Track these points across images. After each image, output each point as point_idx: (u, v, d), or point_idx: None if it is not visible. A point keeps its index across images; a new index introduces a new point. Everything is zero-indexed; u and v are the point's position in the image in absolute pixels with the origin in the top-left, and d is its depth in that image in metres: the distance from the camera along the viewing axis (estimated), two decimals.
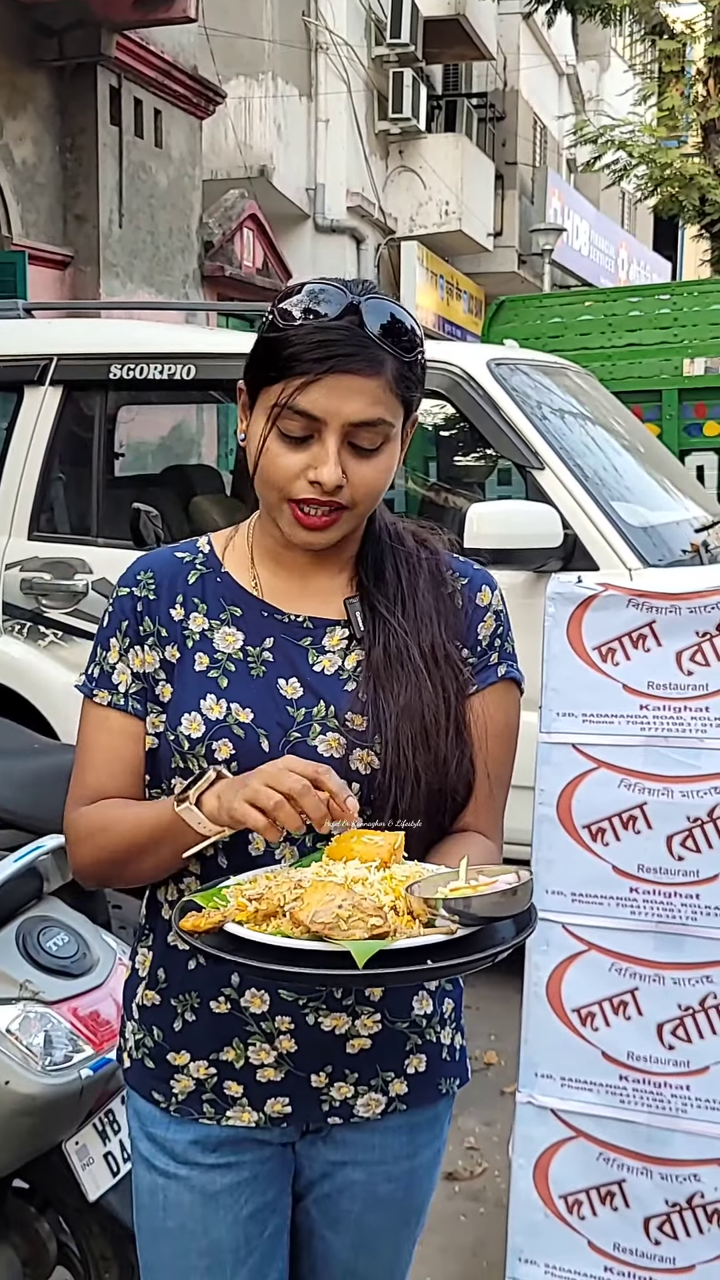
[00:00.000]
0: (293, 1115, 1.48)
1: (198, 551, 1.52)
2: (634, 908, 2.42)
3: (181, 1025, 1.49)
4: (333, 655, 1.45)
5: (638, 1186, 2.41)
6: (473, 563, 1.55)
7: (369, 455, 1.38)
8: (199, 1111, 1.49)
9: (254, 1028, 1.46)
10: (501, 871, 1.26)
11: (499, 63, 19.35)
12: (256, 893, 1.26)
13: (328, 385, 1.34)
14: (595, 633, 2.46)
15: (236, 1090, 1.48)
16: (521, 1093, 2.49)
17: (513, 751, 1.54)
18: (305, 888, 1.24)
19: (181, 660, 1.45)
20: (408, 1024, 1.50)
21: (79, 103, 10.13)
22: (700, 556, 3.95)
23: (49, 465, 4.58)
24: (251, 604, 1.47)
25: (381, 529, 1.51)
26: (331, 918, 1.18)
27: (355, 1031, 1.46)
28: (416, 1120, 1.54)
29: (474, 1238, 2.89)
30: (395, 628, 1.44)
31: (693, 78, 13.49)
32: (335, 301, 1.36)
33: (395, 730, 1.40)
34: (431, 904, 1.21)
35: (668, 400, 7.09)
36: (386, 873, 1.27)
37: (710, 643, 2.37)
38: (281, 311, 1.37)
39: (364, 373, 1.35)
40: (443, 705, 1.43)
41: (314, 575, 1.48)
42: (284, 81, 13.97)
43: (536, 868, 2.49)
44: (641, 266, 24.42)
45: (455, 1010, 1.59)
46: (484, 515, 3.79)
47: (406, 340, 1.38)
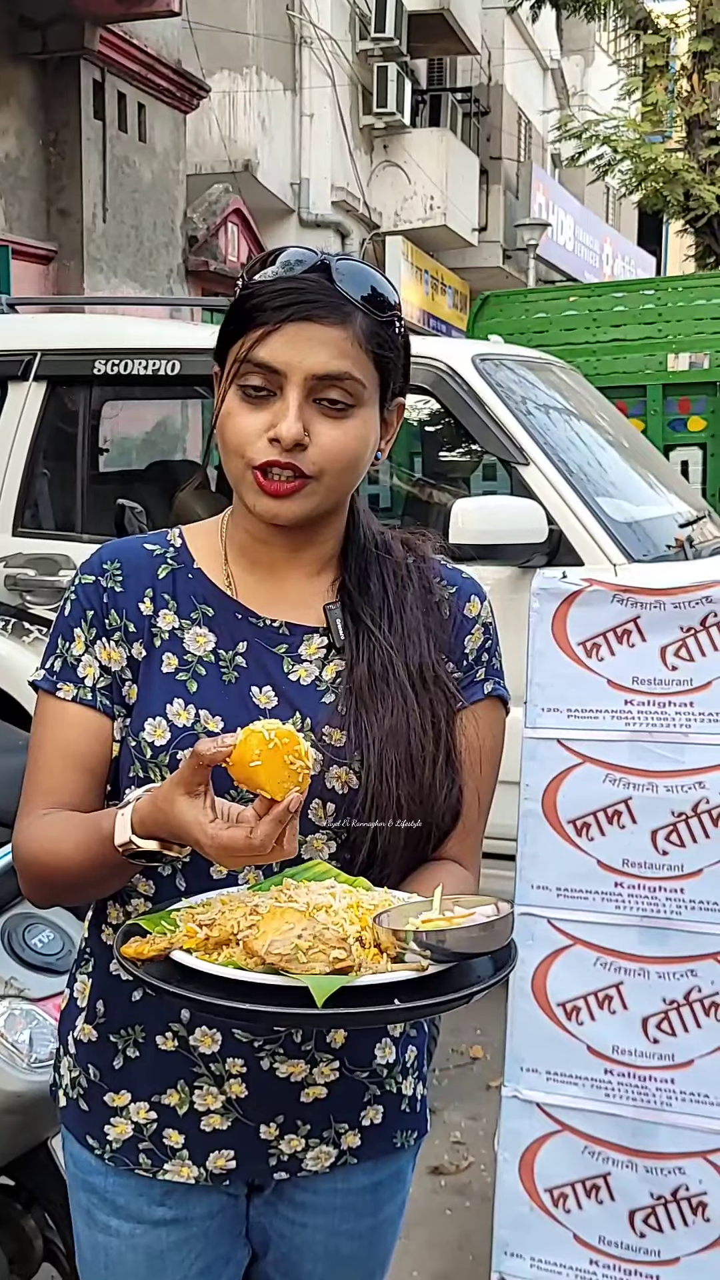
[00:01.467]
0: (237, 1170, 1.36)
1: (168, 545, 1.40)
2: (619, 902, 2.43)
3: (122, 1062, 1.37)
4: (309, 665, 1.34)
5: (623, 1180, 2.42)
6: (462, 571, 1.44)
7: (337, 417, 1.26)
8: (134, 1162, 1.37)
9: (202, 1069, 1.34)
10: (479, 902, 1.15)
11: (483, 57, 19.34)
12: (208, 918, 1.14)
13: (289, 334, 1.24)
14: (580, 628, 2.46)
15: (177, 1140, 1.35)
16: (507, 1087, 2.50)
17: (495, 774, 1.42)
18: (262, 914, 1.13)
19: (148, 660, 1.33)
20: (367, 1073, 1.39)
21: (62, 97, 10.09)
22: (685, 552, 3.95)
23: (33, 461, 4.57)
24: (225, 604, 1.36)
25: (367, 536, 1.40)
26: (290, 949, 1.07)
27: (312, 1080, 1.35)
28: (379, 1177, 1.44)
29: (460, 1232, 2.90)
30: (381, 643, 1.33)
31: (677, 73, 13.51)
32: (306, 259, 1.27)
33: (378, 756, 1.28)
34: (401, 937, 1.10)
35: (652, 395, 7.11)
36: (352, 900, 1.16)
37: (695, 638, 2.38)
38: (251, 275, 1.29)
39: (328, 321, 1.24)
40: (430, 731, 1.32)
41: (290, 575, 1.37)
42: (268, 76, 13.94)
43: (521, 862, 2.50)
44: (626, 261, 24.44)
45: (418, 1059, 1.47)
46: (469, 511, 3.79)
47: (379, 299, 1.28)
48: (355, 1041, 1.36)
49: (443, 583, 1.40)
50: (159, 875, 1.32)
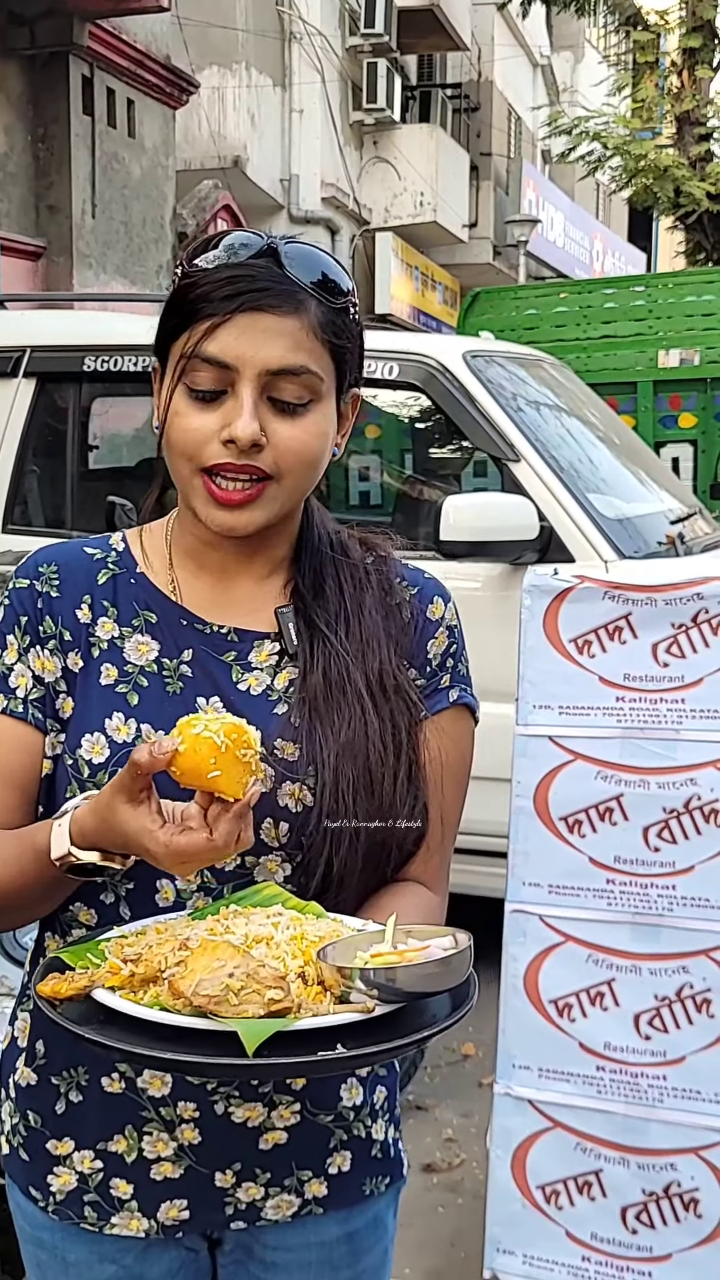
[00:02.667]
0: (191, 1222, 1.26)
1: (110, 549, 1.30)
2: (611, 899, 2.43)
3: (65, 1107, 1.27)
4: (260, 673, 1.24)
5: (615, 1176, 2.42)
6: (424, 571, 1.35)
7: (295, 414, 1.17)
8: (79, 1215, 1.26)
9: (151, 1113, 1.24)
10: (435, 933, 1.05)
11: (473, 53, 19.33)
12: (135, 952, 1.04)
13: (240, 326, 1.14)
14: (571, 625, 2.46)
15: (125, 1190, 1.25)
16: (499, 1084, 2.50)
17: (464, 788, 1.34)
18: (192, 949, 1.02)
19: (85, 671, 1.24)
20: (332, 1117, 1.28)
21: (51, 92, 10.06)
22: (676, 548, 3.96)
23: (23, 458, 4.56)
24: (169, 610, 1.26)
25: (322, 536, 1.31)
26: (219, 989, 0.96)
27: (270, 1124, 1.25)
28: (354, 1227, 1.32)
29: (452, 1229, 2.90)
30: (337, 650, 1.23)
31: (667, 69, 13.52)
32: (251, 244, 1.17)
33: (334, 771, 1.19)
34: (346, 974, 0.99)
35: (643, 392, 7.12)
36: (296, 931, 1.06)
37: (686, 635, 2.38)
38: (191, 262, 1.18)
39: (281, 311, 1.14)
40: (390, 744, 1.22)
41: (240, 578, 1.27)
42: (258, 71, 13.91)
43: (513, 860, 2.50)
44: (616, 258, 24.46)
45: (389, 1100, 1.36)
46: (460, 507, 3.79)
47: (332, 285, 1.19)
48: (318, 1083, 1.27)
49: (404, 583, 1.32)
50: (101, 904, 1.23)
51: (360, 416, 4.89)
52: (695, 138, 12.86)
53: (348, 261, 16.27)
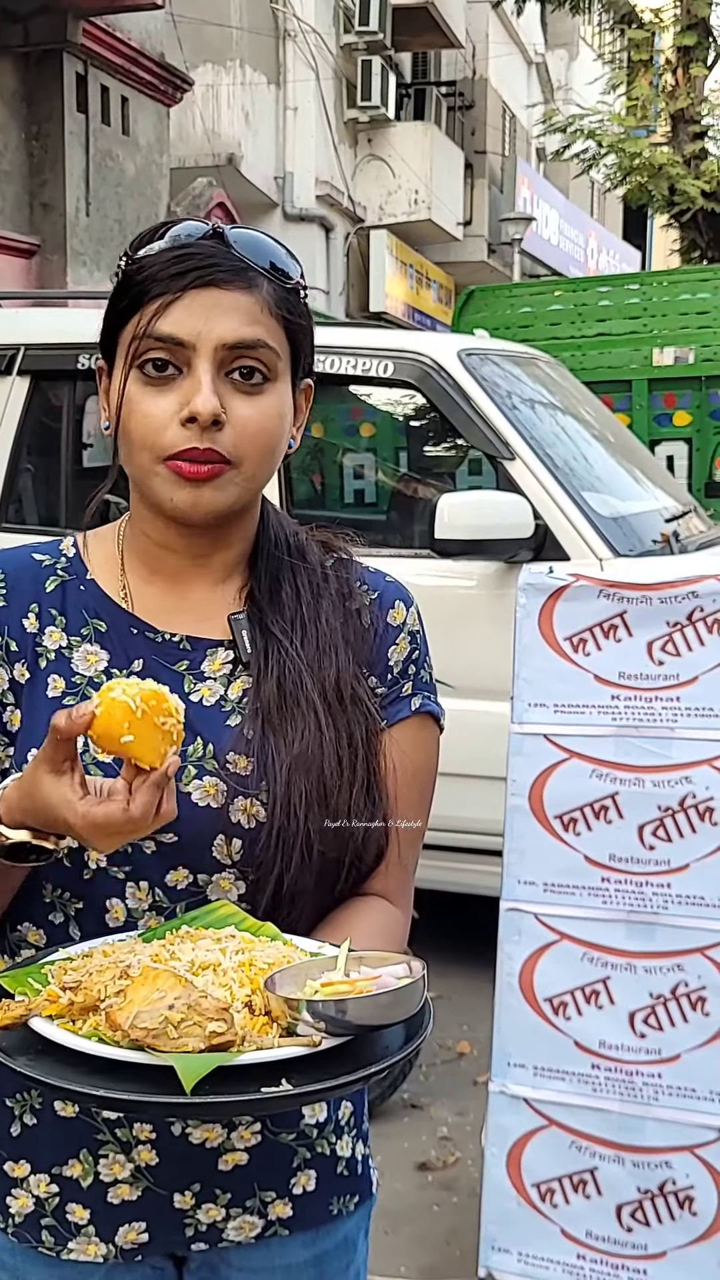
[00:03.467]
0: (150, 1244, 1.23)
1: (60, 555, 1.25)
2: (606, 897, 2.43)
3: (20, 1130, 1.23)
4: (213, 683, 1.20)
5: (610, 1174, 2.42)
6: (385, 574, 1.31)
7: (252, 392, 1.14)
8: (37, 1239, 1.23)
9: (107, 1136, 1.20)
10: (389, 960, 1.01)
11: (468, 51, 19.32)
12: (75, 979, 1.00)
13: (191, 302, 1.12)
14: (567, 623, 2.46)
15: (81, 1215, 1.22)
16: (494, 1082, 2.50)
17: (428, 799, 1.29)
18: (133, 977, 0.98)
19: (32, 683, 1.20)
20: (294, 1135, 1.24)
21: (45, 90, 10.03)
22: (670, 546, 3.96)
23: (17, 455, 4.55)
24: (119, 618, 1.22)
25: (279, 540, 1.27)
26: (158, 1022, 0.92)
27: (230, 1145, 1.21)
28: (323, 1249, 1.28)
29: (447, 1227, 2.90)
30: (291, 658, 1.19)
31: (661, 67, 13.53)
32: (197, 229, 1.15)
33: (286, 785, 1.15)
34: (294, 1005, 0.95)
35: (638, 390, 7.13)
36: (244, 958, 1.02)
37: (681, 633, 2.37)
38: (136, 252, 1.16)
39: (233, 286, 1.13)
40: (347, 758, 1.18)
41: (194, 584, 1.23)
42: (252, 69, 13.90)
43: (508, 858, 2.50)
44: (611, 256, 24.47)
45: (355, 1115, 1.32)
46: (455, 506, 3.79)
47: (280, 266, 1.17)
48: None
49: (364, 587, 1.27)
50: (50, 924, 1.19)
51: (355, 414, 4.90)
52: (690, 135, 12.85)
53: (342, 259, 16.27)
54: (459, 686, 3.88)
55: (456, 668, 3.96)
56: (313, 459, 5.20)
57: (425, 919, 3.24)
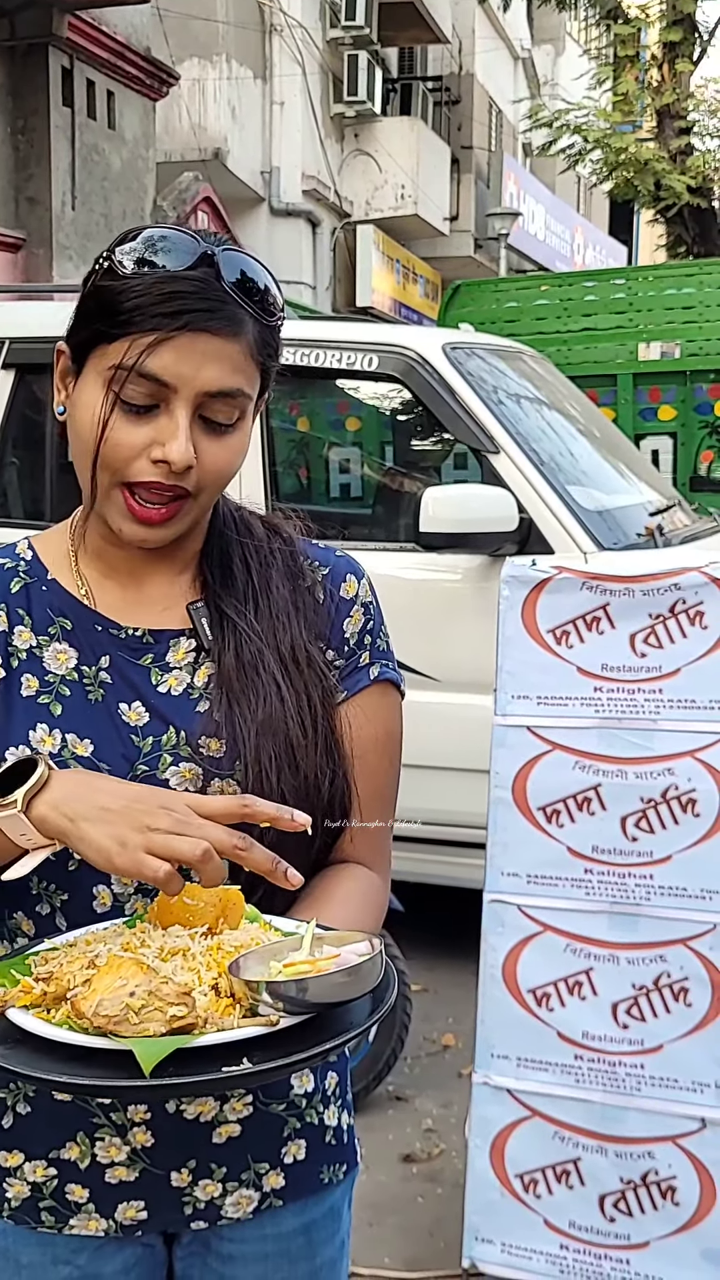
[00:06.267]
0: (149, 1221, 1.26)
1: (18, 558, 1.28)
2: (589, 888, 2.44)
3: (13, 1120, 1.26)
4: (179, 672, 1.23)
5: (593, 1165, 2.43)
6: (335, 549, 1.34)
7: (222, 433, 1.17)
8: (36, 1220, 1.26)
9: (102, 1119, 1.23)
10: (350, 939, 1.03)
11: (454, 46, 19.29)
12: (47, 970, 1.02)
13: (181, 346, 1.12)
14: (550, 616, 2.47)
15: (81, 1195, 1.25)
16: (477, 1073, 2.51)
17: (395, 764, 1.32)
18: (99, 966, 1.00)
19: (6, 682, 1.22)
20: (284, 1105, 1.29)
21: (30, 84, 9.99)
22: (655, 540, 3.97)
23: (2, 448, 4.54)
24: (82, 615, 1.24)
25: (226, 519, 1.30)
26: (119, 1009, 0.94)
27: (223, 1117, 1.25)
28: (311, 1217, 1.33)
29: (431, 1218, 2.91)
30: (246, 631, 1.23)
31: (647, 62, 13.52)
32: (186, 249, 1.14)
33: (255, 750, 1.18)
34: (254, 987, 0.97)
35: (623, 385, 7.14)
36: (213, 941, 1.04)
37: (664, 625, 2.38)
38: (120, 260, 1.15)
39: (223, 333, 1.13)
40: (308, 718, 1.22)
41: (150, 578, 1.26)
42: (238, 63, 13.86)
43: (492, 850, 2.50)
44: (597, 251, 24.47)
45: (340, 1085, 1.36)
46: (439, 499, 3.79)
47: (270, 301, 1.18)
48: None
49: (313, 563, 1.30)
50: (38, 915, 1.21)
51: (340, 408, 4.89)
52: (675, 131, 12.83)
53: (328, 254, 16.25)
54: (443, 680, 3.90)
55: (440, 661, 3.98)
56: (298, 453, 5.20)
57: (410, 913, 3.26)
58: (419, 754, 1.36)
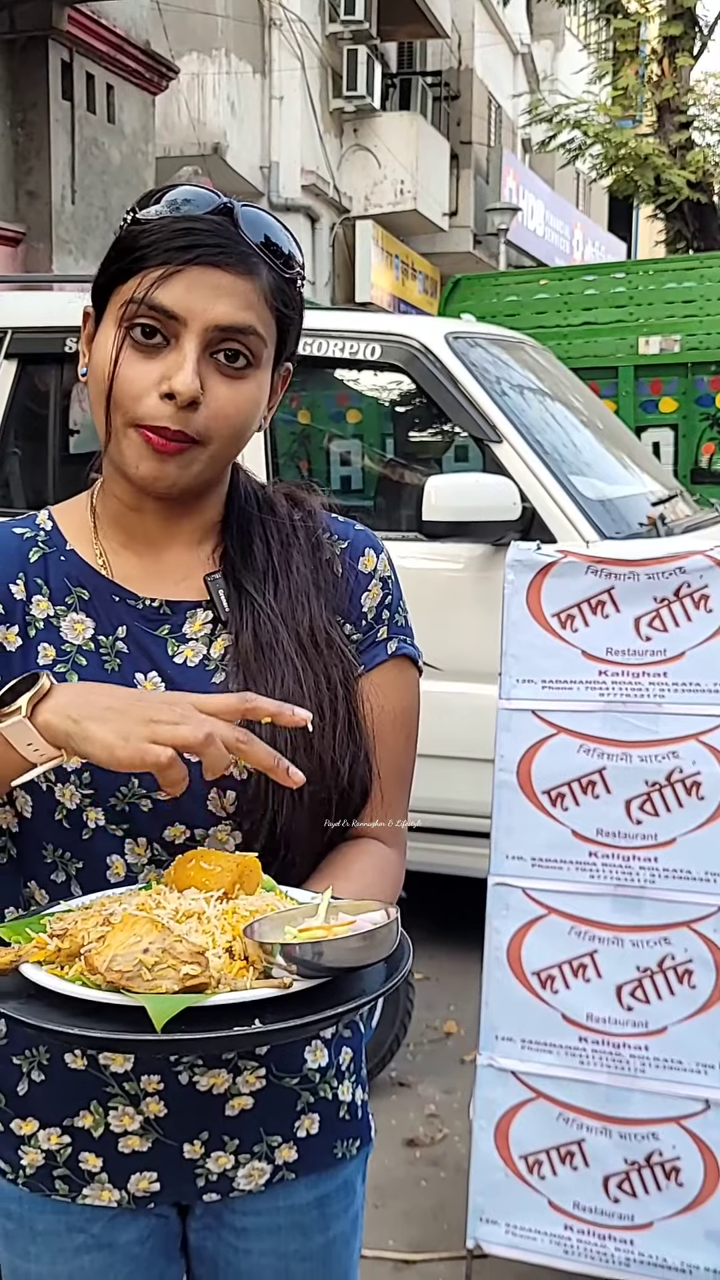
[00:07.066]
0: (162, 1193, 1.27)
1: (38, 529, 1.28)
2: (593, 871, 2.45)
3: (27, 1087, 1.27)
4: (195, 643, 1.23)
5: (597, 1146, 2.44)
6: (354, 523, 1.33)
7: (234, 376, 1.16)
8: (50, 1188, 1.27)
9: (115, 1089, 1.24)
10: (366, 908, 1.04)
11: (454, 41, 19.28)
12: (62, 927, 1.03)
13: (191, 279, 1.12)
14: (554, 599, 2.48)
15: (94, 1164, 1.26)
16: (482, 1055, 2.52)
17: (413, 740, 1.32)
18: (114, 924, 1.01)
19: (24, 650, 1.22)
20: (298, 1079, 1.29)
21: (30, 77, 9.98)
22: (657, 530, 3.98)
23: (4, 439, 4.55)
24: (100, 586, 1.24)
25: (248, 494, 1.30)
26: (132, 965, 0.95)
27: (236, 1090, 1.25)
28: (324, 1191, 1.33)
29: (435, 1201, 2.92)
30: (264, 610, 1.22)
31: (647, 57, 13.51)
32: (204, 200, 1.15)
33: (270, 730, 1.14)
34: (267, 950, 0.98)
35: (624, 377, 7.15)
36: (227, 906, 1.04)
37: (668, 609, 2.39)
38: (144, 209, 1.16)
39: (234, 270, 1.14)
40: (326, 699, 1.21)
41: (168, 548, 1.25)
42: (237, 58, 13.85)
43: (496, 833, 2.51)
44: (596, 247, 24.47)
45: (354, 1061, 1.36)
46: (442, 488, 3.80)
47: (284, 254, 1.19)
48: (281, 1047, 1.25)
49: (332, 537, 1.30)
50: (53, 883, 1.21)
51: (341, 399, 4.89)
52: (676, 126, 12.82)
53: (328, 250, 16.24)
54: (446, 669, 3.90)
55: (443, 650, 3.98)
56: (298, 443, 5.21)
57: (412, 901, 3.25)
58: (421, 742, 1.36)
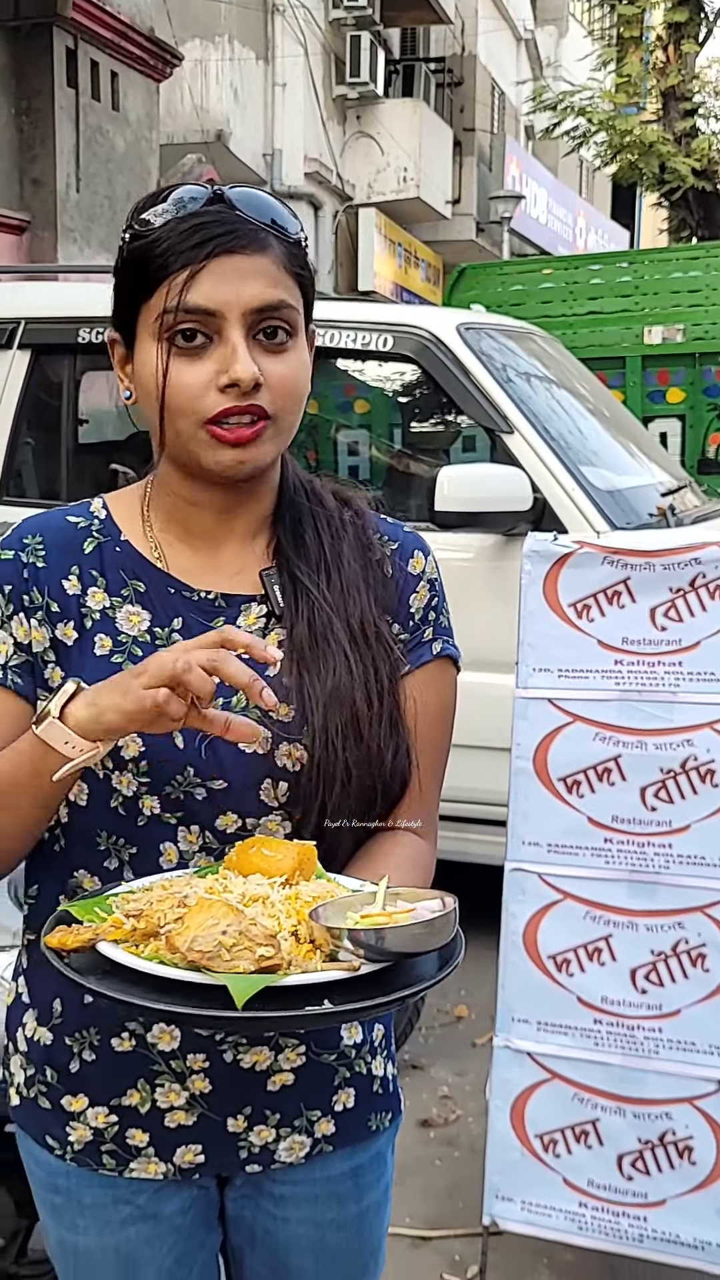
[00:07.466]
0: (206, 1165, 1.32)
1: (93, 516, 1.30)
2: (608, 857, 2.49)
3: (79, 1066, 1.31)
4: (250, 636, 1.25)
5: (611, 1125, 2.49)
6: (403, 525, 1.37)
7: (279, 350, 1.20)
8: (97, 1163, 1.31)
9: (162, 1067, 1.28)
10: (424, 896, 1.09)
11: (457, 27, 19.24)
12: (137, 908, 1.08)
13: (214, 272, 1.16)
14: (571, 589, 2.51)
15: (141, 1139, 1.31)
16: (498, 1037, 2.56)
17: (448, 737, 1.38)
18: (190, 906, 1.05)
19: (80, 642, 1.25)
20: (335, 1055, 1.34)
21: (35, 65, 9.99)
22: (667, 520, 4.01)
23: (17, 429, 4.58)
24: (156, 578, 1.27)
25: (297, 485, 1.33)
26: (213, 945, 1.00)
27: (278, 1066, 1.30)
28: (358, 1162, 1.38)
29: (450, 1180, 2.97)
30: (319, 601, 1.26)
31: (652, 43, 13.49)
32: (198, 196, 1.18)
33: (323, 718, 1.21)
34: (335, 934, 1.03)
35: (631, 367, 7.16)
36: (290, 891, 1.09)
37: (684, 599, 2.43)
38: (141, 221, 1.20)
39: (250, 250, 1.17)
40: (375, 690, 1.25)
41: (224, 543, 1.29)
42: (240, 44, 13.83)
43: (513, 819, 2.55)
44: (599, 234, 24.43)
45: (386, 1037, 1.42)
46: (455, 478, 3.84)
47: (285, 220, 1.22)
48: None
49: (383, 538, 1.34)
50: (106, 869, 1.26)
51: (349, 390, 4.90)
52: (681, 113, 12.82)
53: (330, 238, 16.23)
54: None
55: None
56: (306, 434, 5.23)
57: None
58: None
